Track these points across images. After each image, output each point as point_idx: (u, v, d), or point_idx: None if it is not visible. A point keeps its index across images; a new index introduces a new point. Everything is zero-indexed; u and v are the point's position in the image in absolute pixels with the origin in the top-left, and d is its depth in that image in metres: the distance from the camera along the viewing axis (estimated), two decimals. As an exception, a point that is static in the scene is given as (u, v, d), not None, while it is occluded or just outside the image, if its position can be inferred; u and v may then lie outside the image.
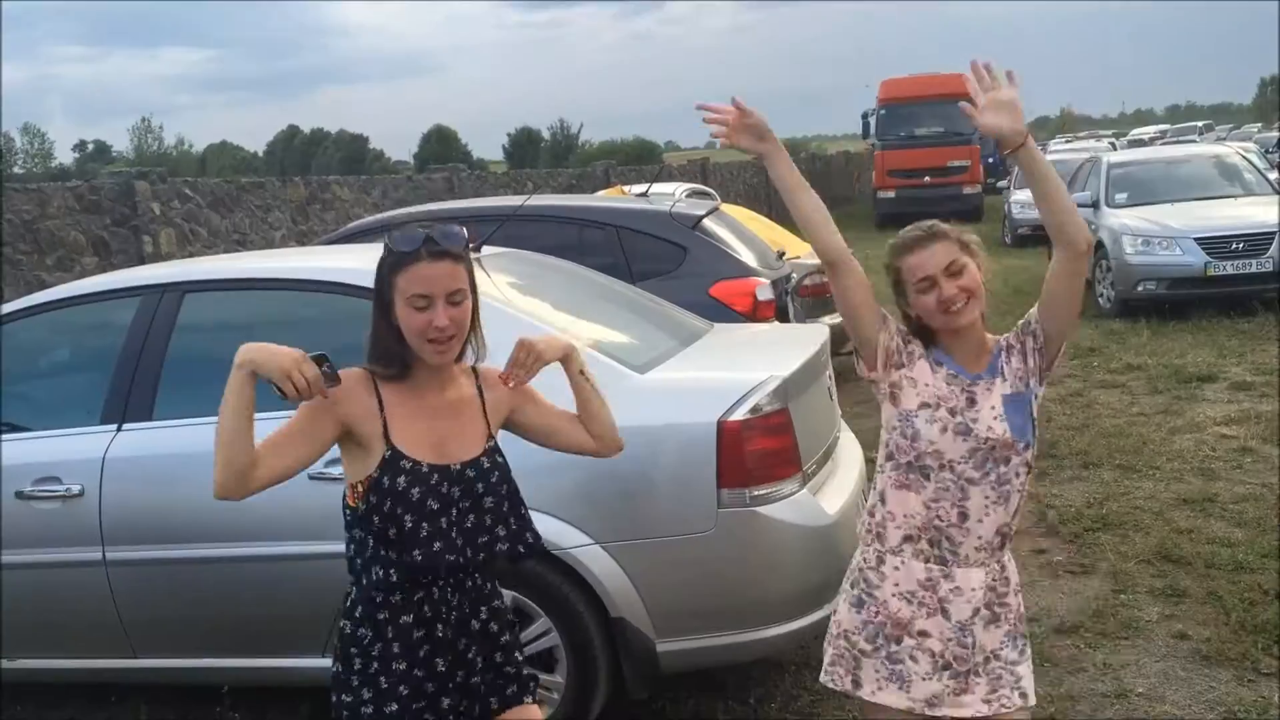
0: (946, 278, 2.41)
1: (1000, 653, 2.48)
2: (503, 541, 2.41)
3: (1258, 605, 4.34)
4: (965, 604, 2.45)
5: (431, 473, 2.35)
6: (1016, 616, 2.52)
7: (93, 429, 3.87)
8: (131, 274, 4.52)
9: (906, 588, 2.48)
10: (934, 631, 2.46)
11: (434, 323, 2.29)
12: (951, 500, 2.45)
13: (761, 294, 6.34)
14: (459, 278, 2.33)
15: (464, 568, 2.40)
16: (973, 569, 2.46)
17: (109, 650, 3.90)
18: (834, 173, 39.78)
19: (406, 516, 2.32)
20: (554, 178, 21.97)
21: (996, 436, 2.43)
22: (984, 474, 2.44)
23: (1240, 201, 11.71)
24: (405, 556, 2.32)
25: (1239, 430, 6.91)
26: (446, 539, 2.35)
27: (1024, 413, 2.47)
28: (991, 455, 2.44)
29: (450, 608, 2.40)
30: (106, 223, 11.09)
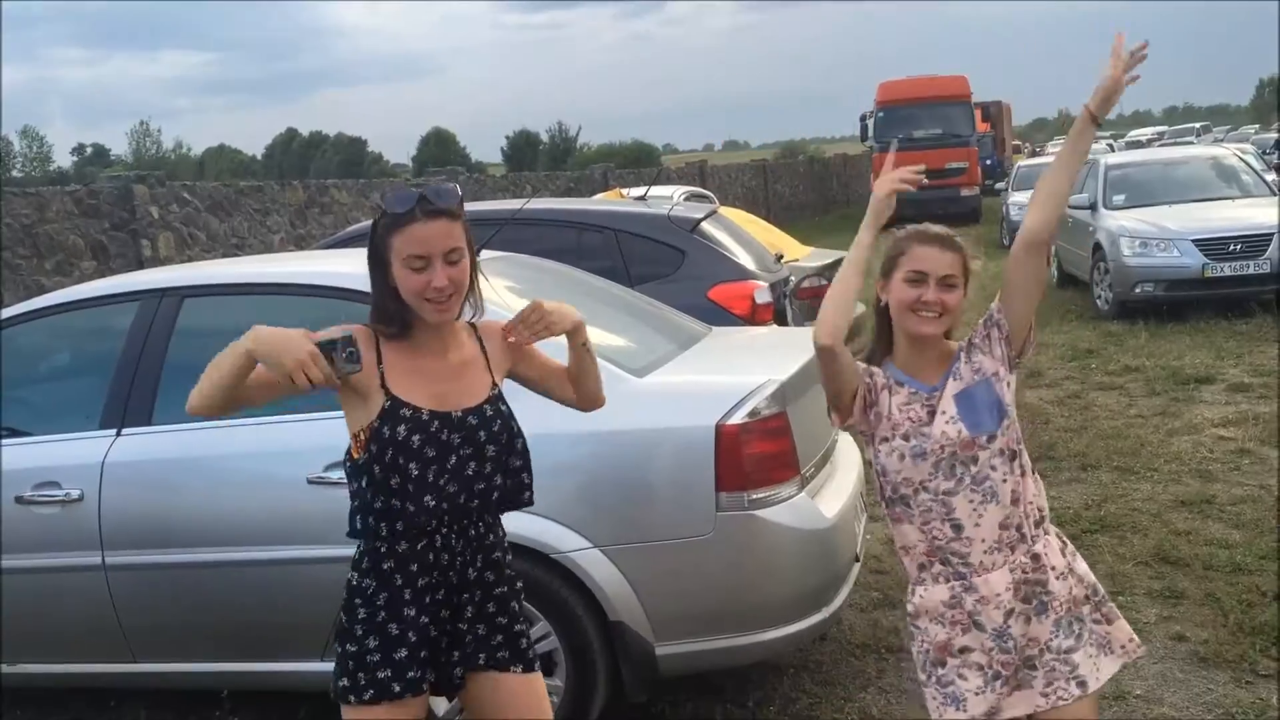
0: (937, 284, 2.43)
1: (1052, 643, 2.45)
2: (499, 490, 2.43)
3: (1256, 607, 4.35)
4: (995, 610, 2.43)
5: (432, 419, 2.35)
6: (1068, 600, 2.47)
7: (92, 434, 3.87)
8: (130, 278, 4.53)
9: (936, 611, 2.49)
10: (974, 645, 2.45)
11: (432, 283, 2.28)
12: (939, 518, 2.45)
13: (760, 297, 6.34)
14: (455, 236, 2.31)
15: (463, 513, 2.41)
16: (992, 573, 2.44)
17: (108, 655, 3.91)
18: (832, 175, 39.81)
19: (411, 465, 2.32)
20: (552, 181, 21.98)
21: (952, 440, 2.43)
22: (957, 480, 2.44)
23: (1238, 203, 11.73)
24: (407, 504, 2.33)
25: (1237, 432, 6.91)
26: (438, 488, 2.35)
27: (981, 404, 2.44)
28: (956, 460, 2.43)
29: (454, 553, 2.42)
30: (105, 227, 11.10)
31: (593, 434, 3.38)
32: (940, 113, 27.29)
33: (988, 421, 2.44)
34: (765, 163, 35.24)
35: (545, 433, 2.74)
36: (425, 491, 2.34)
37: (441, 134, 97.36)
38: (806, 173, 37.42)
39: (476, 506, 2.41)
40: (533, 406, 2.67)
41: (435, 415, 2.36)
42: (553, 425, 3.05)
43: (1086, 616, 2.50)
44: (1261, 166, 14.97)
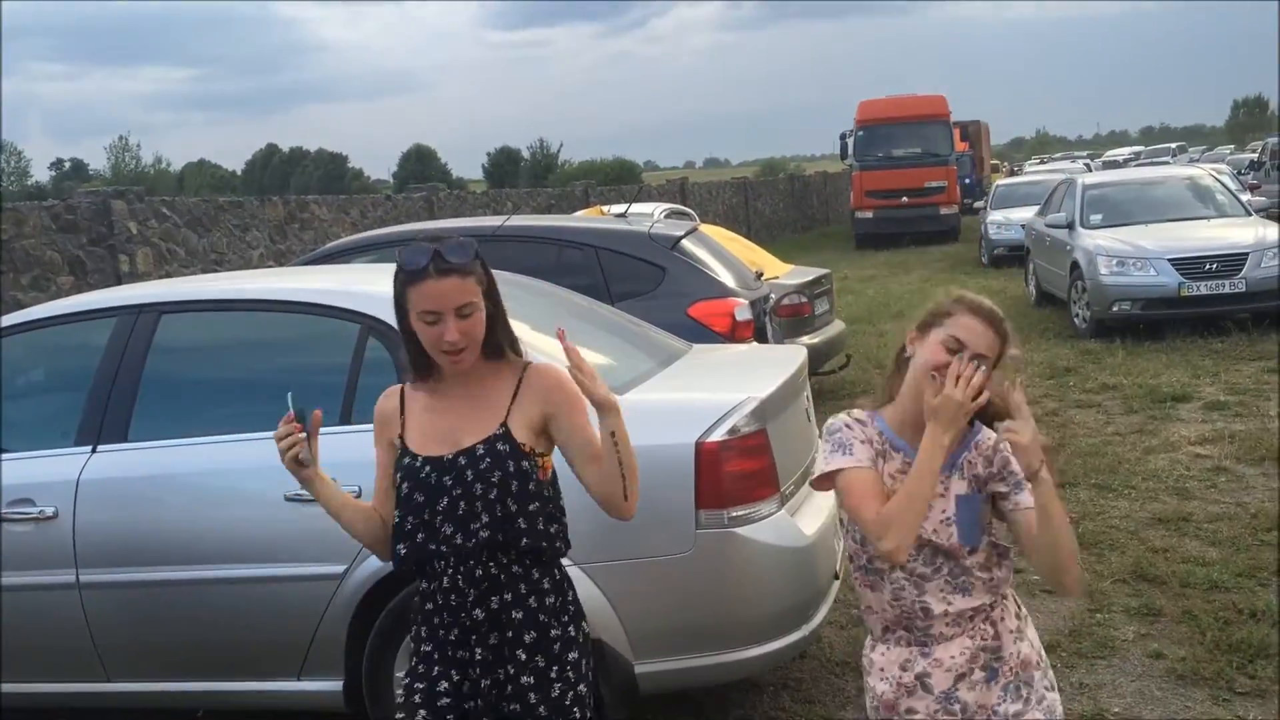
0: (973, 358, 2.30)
1: (999, 708, 2.42)
2: (485, 529, 2.41)
3: (1233, 624, 4.37)
4: (945, 673, 2.41)
5: (423, 465, 2.43)
6: (1017, 664, 2.44)
7: (67, 450, 3.84)
8: (107, 294, 4.50)
9: (890, 672, 2.46)
10: (920, 708, 2.43)
11: (445, 337, 2.36)
12: (911, 597, 2.41)
13: (740, 314, 6.35)
14: (467, 291, 2.37)
15: (465, 554, 2.42)
16: (952, 642, 2.41)
17: (82, 674, 3.87)
18: (812, 193, 39.98)
19: (398, 512, 2.46)
20: (533, 197, 21.99)
21: (941, 541, 2.38)
22: (935, 569, 2.40)
23: (1213, 223, 11.83)
24: (399, 547, 2.46)
25: (1213, 450, 6.96)
26: (430, 528, 2.42)
27: (973, 516, 2.38)
28: (939, 553, 2.39)
29: (462, 595, 2.44)
30: (83, 242, 11.03)
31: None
32: (919, 132, 27.45)
33: (974, 535, 2.38)
34: (746, 180, 35.36)
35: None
36: (418, 533, 2.43)
37: (422, 150, 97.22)
38: (787, 190, 37.57)
39: (474, 547, 2.41)
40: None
41: (428, 460, 2.43)
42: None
43: (1036, 681, 2.45)
44: (1236, 187, 15.16)
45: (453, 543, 2.41)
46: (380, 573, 3.49)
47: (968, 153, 33.80)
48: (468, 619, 2.44)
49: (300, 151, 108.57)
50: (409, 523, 2.43)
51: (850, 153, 28.31)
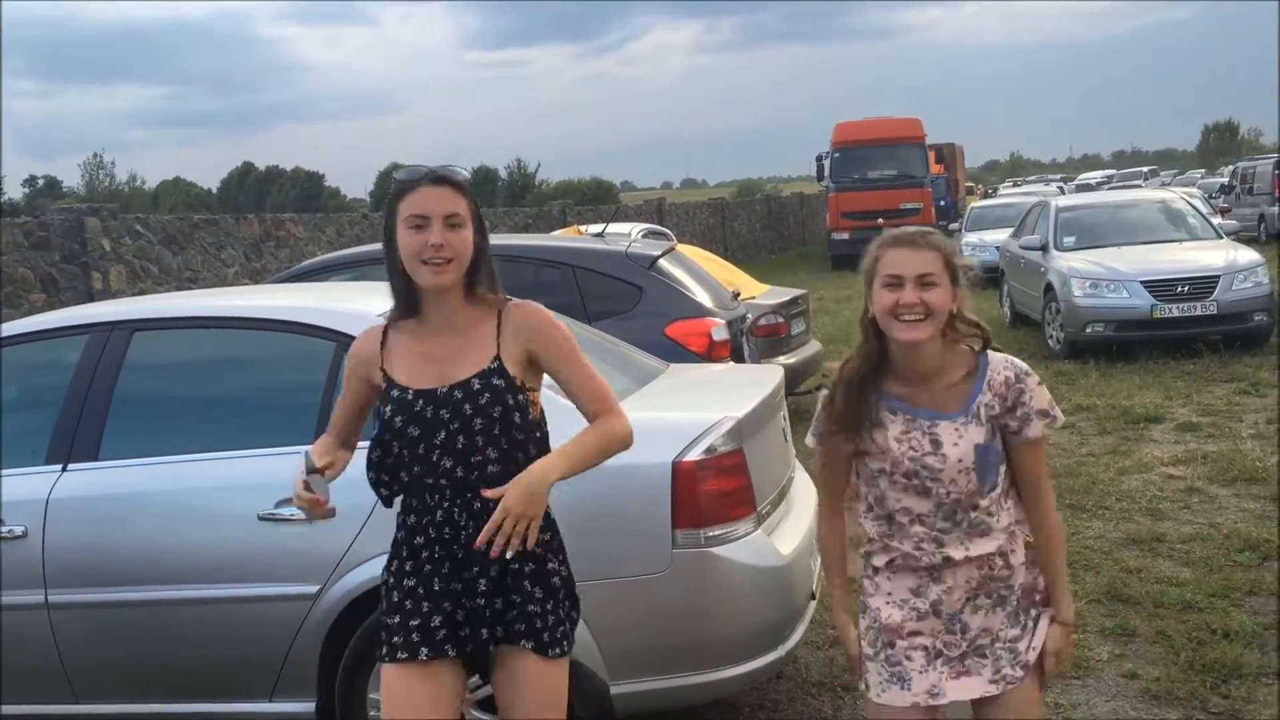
0: (915, 284, 2.37)
1: (1002, 633, 2.49)
2: (494, 464, 2.44)
3: (1206, 645, 4.39)
4: (955, 599, 2.47)
5: (416, 399, 2.44)
6: (1022, 593, 2.52)
7: (37, 469, 3.80)
8: (79, 311, 4.46)
9: (899, 596, 2.51)
10: (925, 630, 2.49)
11: (429, 241, 2.38)
12: (932, 546, 2.46)
13: (717, 334, 6.36)
14: (457, 203, 2.43)
15: (463, 486, 2.44)
16: (961, 568, 2.46)
17: (50, 695, 3.81)
18: (789, 214, 40.15)
19: (393, 443, 2.45)
20: (510, 217, 22.00)
21: (961, 489, 2.42)
22: (955, 523, 2.45)
23: (1185, 245, 11.94)
24: (400, 475, 2.46)
25: (1186, 471, 7.01)
26: (427, 462, 2.43)
27: (992, 459, 2.44)
28: (959, 506, 2.44)
29: (457, 527, 2.45)
30: (55, 259, 10.96)
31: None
32: (895, 154, 27.66)
33: (992, 474, 2.44)
34: (723, 201, 35.50)
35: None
36: (414, 465, 2.44)
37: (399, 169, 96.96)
38: (764, 211, 37.73)
39: (476, 479, 2.43)
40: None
41: (420, 394, 2.44)
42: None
43: (1035, 605, 2.54)
44: (1208, 210, 15.32)
45: (453, 475, 2.42)
46: (354, 593, 3.46)
47: (943, 175, 34.05)
48: (461, 550, 2.45)
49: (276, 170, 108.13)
50: (405, 455, 2.44)
51: (826, 174, 28.49)
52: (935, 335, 2.41)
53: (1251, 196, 24.81)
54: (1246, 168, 26.69)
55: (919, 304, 2.36)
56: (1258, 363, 10.31)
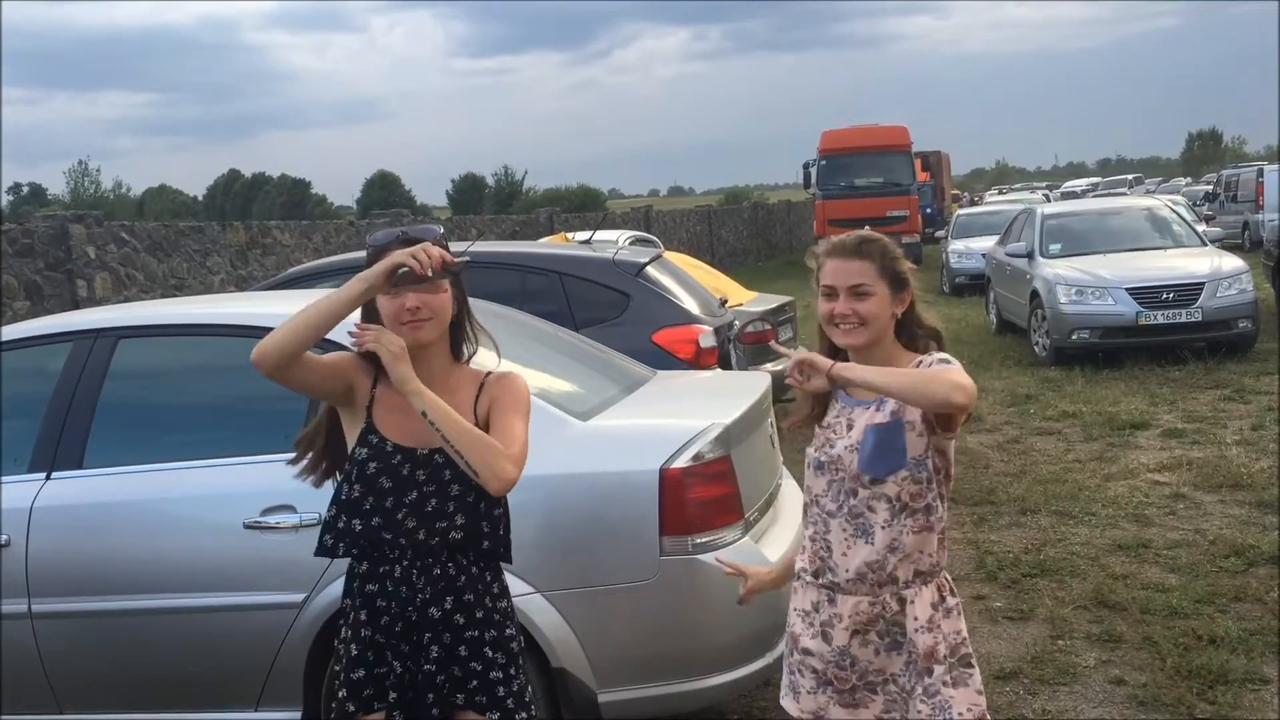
0: (848, 295, 2.41)
1: (899, 679, 2.46)
2: (459, 530, 2.45)
3: (1192, 650, 4.40)
4: (843, 629, 2.46)
5: (395, 452, 2.45)
6: (925, 654, 2.42)
7: (21, 477, 3.77)
8: (64, 319, 4.44)
9: (802, 607, 2.55)
10: (815, 651, 2.50)
11: (405, 305, 2.41)
12: (819, 533, 2.48)
13: (704, 341, 6.36)
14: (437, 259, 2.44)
15: (425, 550, 2.44)
16: (851, 597, 2.45)
17: (32, 705, 3.78)
18: (775, 222, 40.23)
19: (357, 486, 2.44)
20: (498, 224, 22.00)
21: (845, 467, 2.42)
22: (839, 506, 2.44)
23: (1170, 253, 12.00)
24: (353, 522, 2.44)
25: (1171, 477, 7.03)
26: (390, 518, 2.42)
27: (884, 444, 2.37)
28: (843, 487, 2.43)
29: (414, 588, 2.45)
30: (40, 266, 10.91)
31: (536, 478, 3.33)
32: (881, 161, 27.73)
33: (879, 465, 2.38)
34: (710, 208, 35.56)
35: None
36: (365, 515, 2.43)
37: (386, 176, 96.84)
38: (750, 219, 37.79)
39: (437, 545, 2.44)
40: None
41: (399, 449, 2.44)
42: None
43: (936, 675, 2.42)
44: (1192, 218, 15.40)
45: (414, 537, 2.42)
46: (340, 601, 3.44)
47: (929, 182, 34.17)
48: (416, 614, 2.45)
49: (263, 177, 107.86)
50: (368, 503, 2.42)
51: (813, 182, 28.53)
52: (872, 341, 2.44)
53: (1235, 204, 24.95)
54: (1230, 175, 26.84)
55: (851, 314, 2.41)
56: (1242, 369, 10.36)
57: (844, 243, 2.48)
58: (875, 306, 2.41)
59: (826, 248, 2.50)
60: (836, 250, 2.47)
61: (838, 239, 2.51)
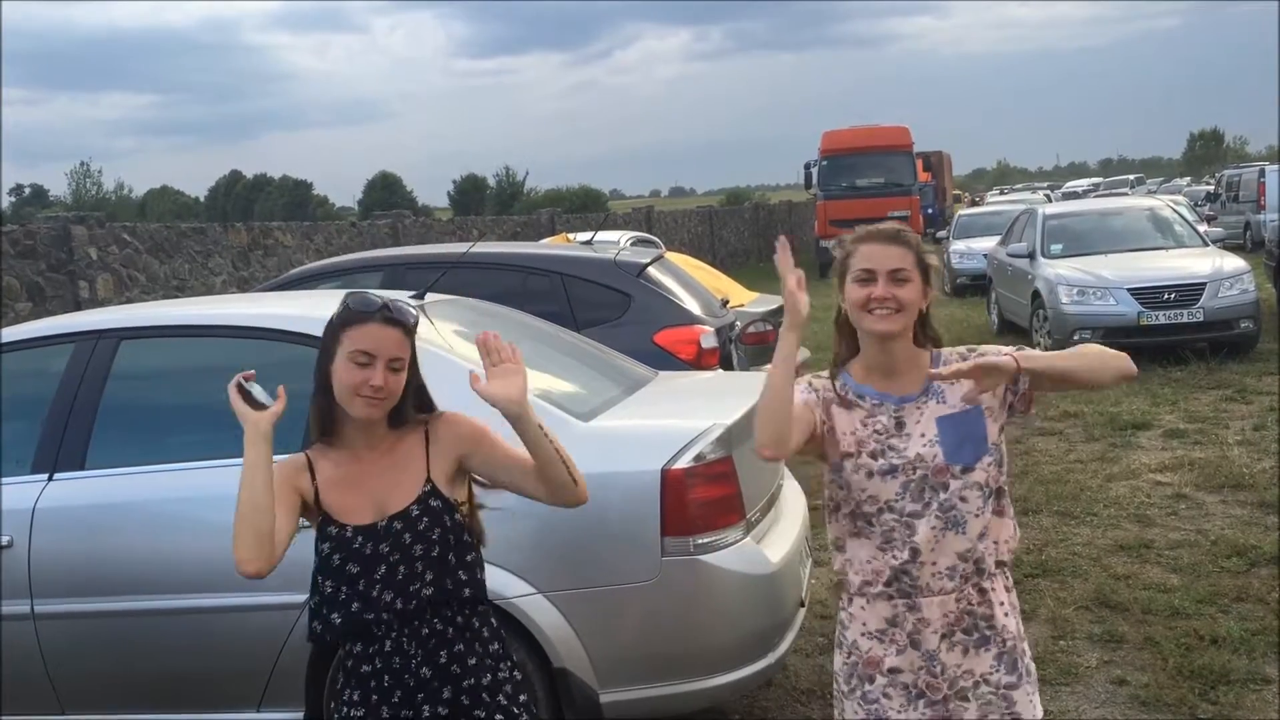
0: (887, 279, 2.36)
1: (991, 677, 2.42)
2: (430, 587, 2.42)
3: (1194, 651, 4.40)
4: (932, 633, 2.40)
5: (355, 536, 2.41)
6: (1013, 640, 2.45)
7: (23, 479, 3.78)
8: (66, 320, 4.44)
9: (875, 626, 2.44)
10: (904, 666, 2.42)
11: (370, 380, 2.38)
12: (901, 540, 2.39)
13: (705, 342, 6.36)
14: (404, 349, 2.43)
15: (409, 616, 2.41)
16: (936, 597, 2.40)
17: (34, 706, 3.78)
18: (777, 222, 40.23)
19: (327, 582, 2.42)
20: (499, 225, 22.00)
21: (926, 464, 2.38)
22: (925, 505, 2.38)
23: (1172, 253, 12.00)
24: (332, 616, 2.41)
25: (1173, 477, 7.03)
26: (367, 598, 2.40)
27: (965, 432, 2.40)
28: (926, 484, 2.38)
29: (406, 656, 2.43)
30: (42, 268, 10.91)
31: (537, 478, 3.35)
32: (883, 162, 27.73)
33: (967, 453, 2.39)
34: (711, 209, 35.58)
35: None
36: (352, 603, 2.40)
37: (388, 177, 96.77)
38: (752, 219, 37.79)
39: (415, 608, 2.42)
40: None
41: (359, 530, 2.41)
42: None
43: (1026, 658, 2.48)
44: (1194, 218, 15.38)
45: (394, 608, 2.40)
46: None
47: (930, 183, 34.17)
48: (412, 679, 2.43)
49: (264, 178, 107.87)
50: (343, 593, 2.40)
51: (815, 182, 28.54)
52: (906, 330, 2.42)
53: (1237, 204, 24.94)
54: (1232, 176, 26.83)
55: (891, 298, 2.37)
56: (1244, 369, 10.36)
57: (881, 229, 2.45)
58: (912, 294, 2.38)
59: (860, 234, 2.46)
60: (874, 236, 2.43)
61: (871, 227, 2.47)
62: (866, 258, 2.40)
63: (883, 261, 2.38)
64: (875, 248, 2.41)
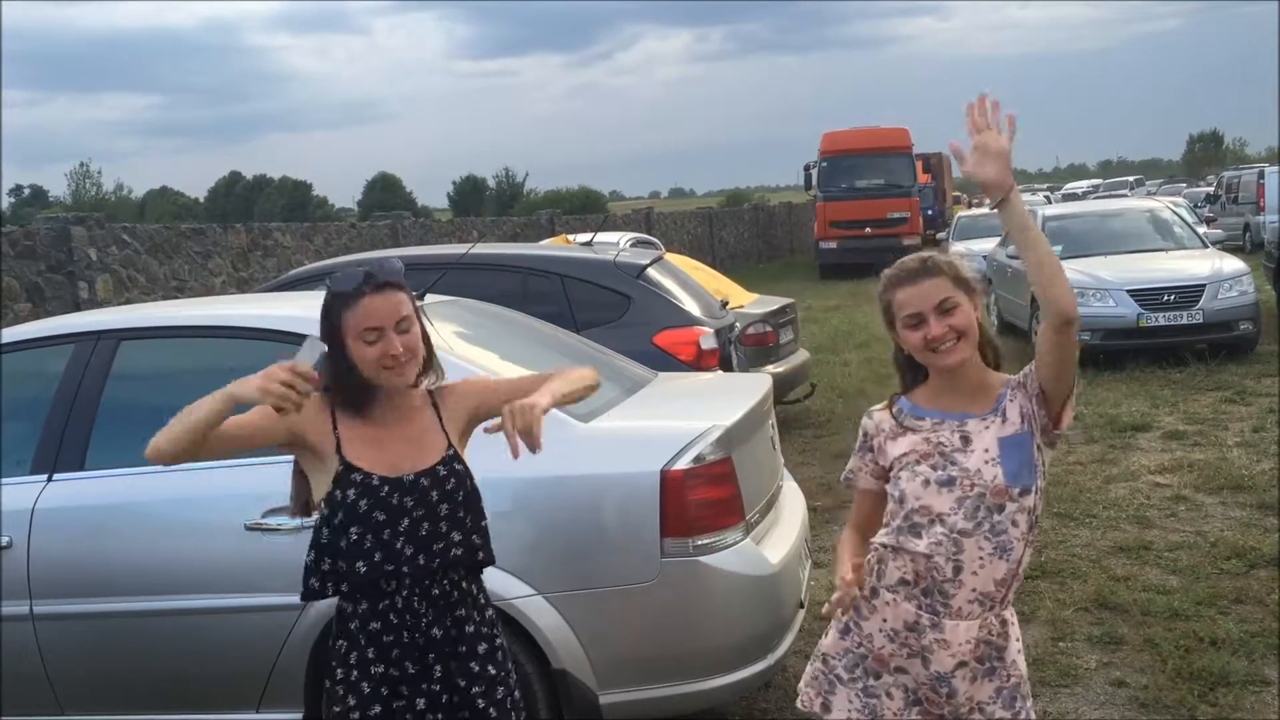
0: (936, 315, 2.33)
1: (987, 708, 2.39)
2: (458, 547, 2.46)
3: (1193, 652, 4.40)
4: (949, 657, 2.37)
5: (382, 484, 2.42)
6: (1016, 676, 2.42)
7: (22, 479, 3.78)
8: (65, 320, 4.44)
9: (893, 626, 2.41)
10: (910, 671, 2.40)
11: (389, 351, 2.38)
12: (945, 555, 2.34)
13: (705, 343, 6.36)
14: (404, 305, 2.44)
15: (424, 574, 2.44)
16: (963, 622, 2.36)
17: (34, 707, 3.78)
18: (777, 223, 40.23)
19: (353, 529, 2.40)
20: (499, 226, 22.00)
21: (986, 482, 2.33)
22: (977, 524, 2.33)
23: (1171, 255, 12.00)
24: (357, 564, 2.39)
25: (1172, 479, 7.03)
26: (390, 549, 2.40)
27: (1023, 456, 2.35)
28: (983, 503, 2.33)
29: (416, 614, 2.44)
30: (41, 269, 10.91)
31: (537, 479, 3.36)
32: (882, 163, 27.74)
33: (1025, 475, 2.35)
34: (711, 210, 35.55)
35: (489, 479, 2.71)
36: (375, 552, 2.39)
37: (388, 178, 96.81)
38: (752, 220, 37.79)
39: (438, 566, 2.44)
40: (474, 452, 2.64)
41: (385, 480, 2.42)
42: (496, 471, 3.01)
43: (1025, 697, 2.44)
44: (1194, 219, 15.39)
45: (414, 563, 2.42)
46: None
47: (930, 184, 34.14)
48: (421, 638, 2.44)
49: (264, 179, 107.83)
50: (368, 540, 2.40)
51: (814, 183, 28.55)
52: (973, 350, 2.39)
53: (1236, 206, 24.94)
54: (1232, 177, 26.84)
55: (948, 331, 2.33)
56: (1243, 371, 10.36)
57: (907, 269, 2.40)
58: (965, 317, 2.35)
59: (891, 280, 2.41)
60: (904, 278, 2.39)
61: (894, 271, 2.43)
62: (906, 302, 2.37)
63: (923, 301, 2.35)
64: (910, 290, 2.37)
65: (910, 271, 2.39)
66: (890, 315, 2.42)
